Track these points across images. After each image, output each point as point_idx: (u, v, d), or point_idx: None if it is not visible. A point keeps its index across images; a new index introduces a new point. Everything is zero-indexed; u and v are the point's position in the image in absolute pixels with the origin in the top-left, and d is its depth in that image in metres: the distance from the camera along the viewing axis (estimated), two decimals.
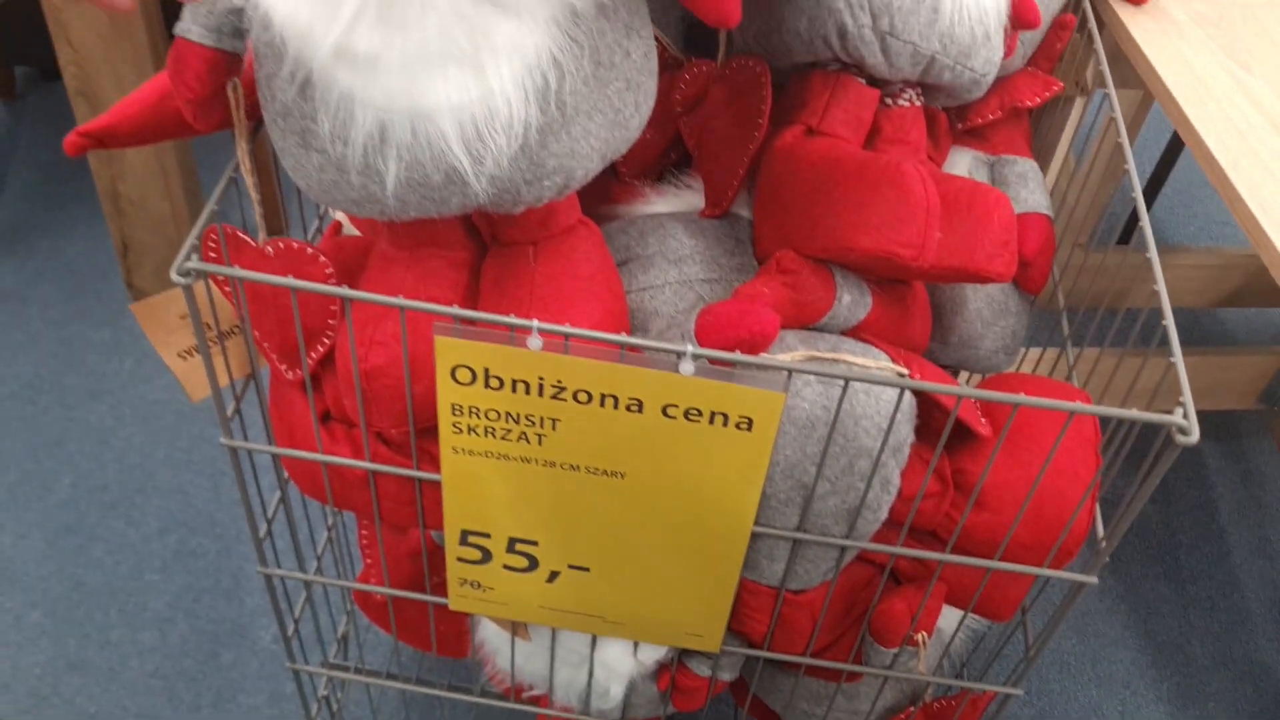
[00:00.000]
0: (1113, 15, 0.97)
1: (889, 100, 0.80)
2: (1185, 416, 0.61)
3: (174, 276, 0.63)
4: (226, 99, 0.69)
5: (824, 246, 0.71)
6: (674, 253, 0.77)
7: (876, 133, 0.79)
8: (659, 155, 0.87)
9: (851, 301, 0.74)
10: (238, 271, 0.64)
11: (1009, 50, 0.85)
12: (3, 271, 1.67)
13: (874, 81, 0.78)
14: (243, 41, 0.66)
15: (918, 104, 0.80)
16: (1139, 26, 0.95)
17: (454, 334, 0.61)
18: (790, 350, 0.69)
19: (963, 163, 0.93)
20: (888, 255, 0.69)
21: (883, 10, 0.73)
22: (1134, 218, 1.81)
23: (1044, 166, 1.14)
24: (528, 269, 0.69)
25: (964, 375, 1.00)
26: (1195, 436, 0.61)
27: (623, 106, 0.66)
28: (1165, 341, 0.67)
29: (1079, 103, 1.09)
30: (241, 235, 0.71)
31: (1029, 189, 0.91)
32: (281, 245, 0.71)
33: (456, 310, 0.61)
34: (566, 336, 0.61)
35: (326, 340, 0.72)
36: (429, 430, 0.72)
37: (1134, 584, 1.43)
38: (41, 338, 1.59)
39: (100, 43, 1.38)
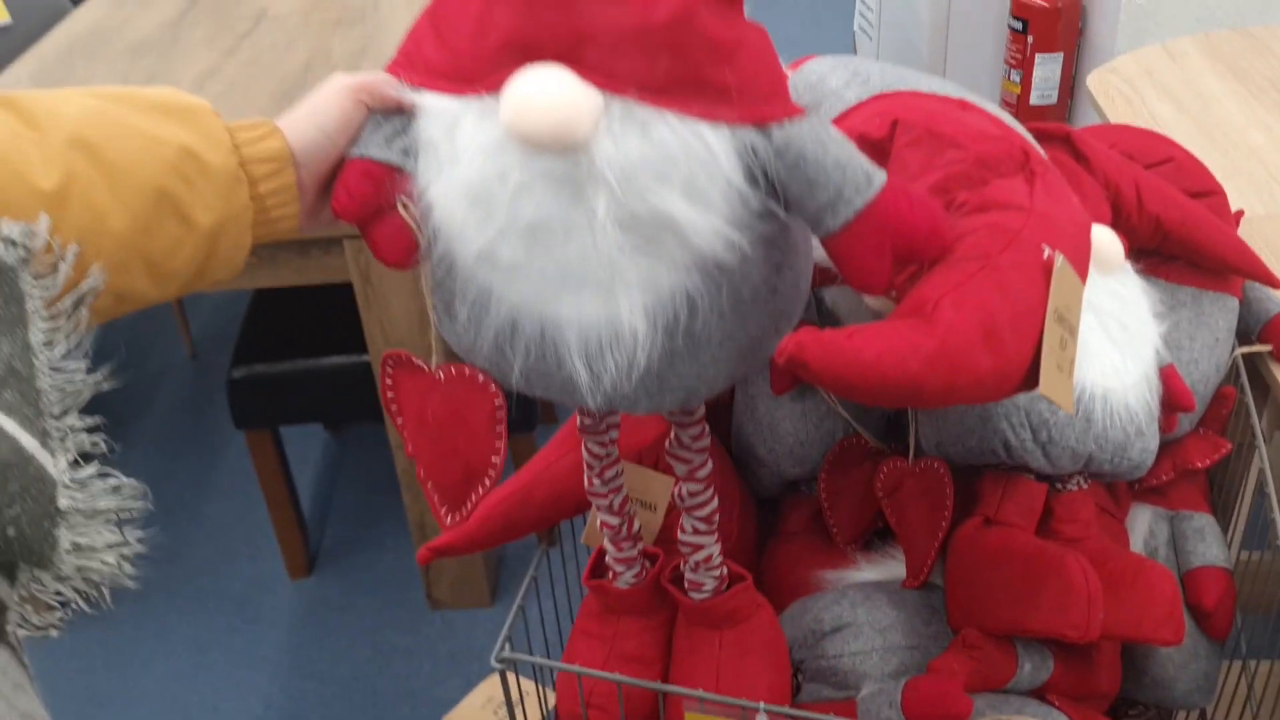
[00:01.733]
0: (1274, 379, 1.09)
1: (1059, 485, 0.95)
2: None
3: (493, 664, 0.84)
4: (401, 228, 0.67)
5: (1001, 626, 0.86)
6: (879, 623, 0.93)
7: (1049, 514, 0.94)
8: (867, 526, 1.04)
9: (1033, 668, 0.87)
10: (546, 663, 0.85)
11: (1168, 429, 0.99)
12: (329, 583, 2.00)
13: (1042, 475, 0.93)
14: (410, 160, 0.66)
15: (1085, 487, 0.95)
16: None
17: (699, 710, 0.80)
18: (979, 715, 0.83)
19: (1143, 519, 1.06)
20: (1056, 636, 0.83)
21: (1040, 425, 0.89)
22: None
23: (1231, 500, 1.23)
24: (713, 655, 0.85)
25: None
26: None
27: (762, 336, 0.67)
28: None
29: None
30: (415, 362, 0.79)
31: (1206, 544, 1.02)
32: (453, 371, 0.78)
33: (703, 694, 0.80)
34: (789, 717, 0.78)
35: (486, 483, 0.80)
36: None
37: None
38: (358, 643, 1.88)
39: None
